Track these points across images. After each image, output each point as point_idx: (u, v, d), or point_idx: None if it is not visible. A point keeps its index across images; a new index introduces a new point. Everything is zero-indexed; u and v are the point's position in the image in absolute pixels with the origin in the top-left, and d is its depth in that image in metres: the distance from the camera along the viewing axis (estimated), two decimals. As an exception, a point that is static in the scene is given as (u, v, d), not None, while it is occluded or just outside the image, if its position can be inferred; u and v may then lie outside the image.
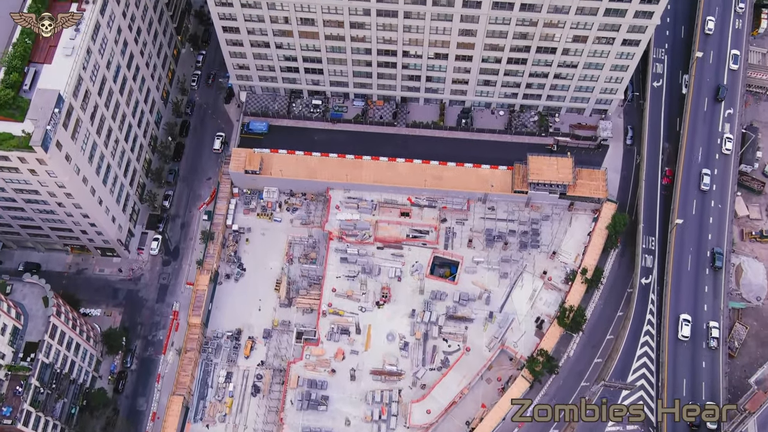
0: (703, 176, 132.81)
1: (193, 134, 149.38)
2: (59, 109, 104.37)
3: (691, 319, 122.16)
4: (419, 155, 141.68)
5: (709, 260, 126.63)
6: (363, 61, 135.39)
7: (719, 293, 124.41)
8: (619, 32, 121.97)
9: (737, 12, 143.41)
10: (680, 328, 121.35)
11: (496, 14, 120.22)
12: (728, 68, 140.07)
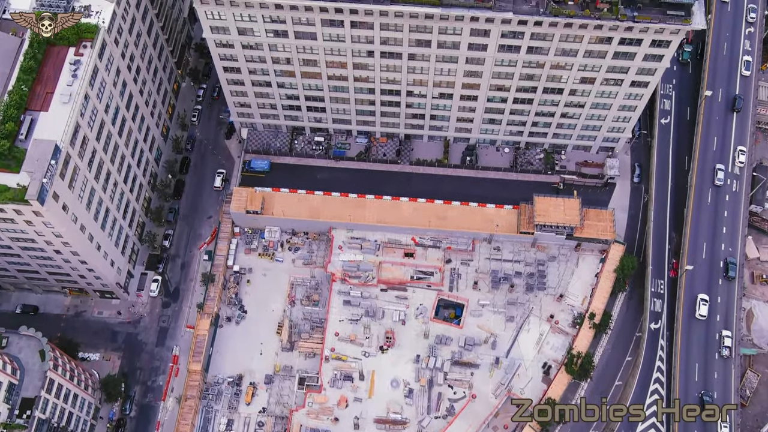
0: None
1: (194, 171, 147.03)
2: (56, 160, 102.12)
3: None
4: (423, 194, 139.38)
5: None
6: (366, 100, 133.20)
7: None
8: (627, 74, 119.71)
9: (746, 49, 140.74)
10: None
11: (502, 57, 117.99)
12: (736, 106, 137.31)
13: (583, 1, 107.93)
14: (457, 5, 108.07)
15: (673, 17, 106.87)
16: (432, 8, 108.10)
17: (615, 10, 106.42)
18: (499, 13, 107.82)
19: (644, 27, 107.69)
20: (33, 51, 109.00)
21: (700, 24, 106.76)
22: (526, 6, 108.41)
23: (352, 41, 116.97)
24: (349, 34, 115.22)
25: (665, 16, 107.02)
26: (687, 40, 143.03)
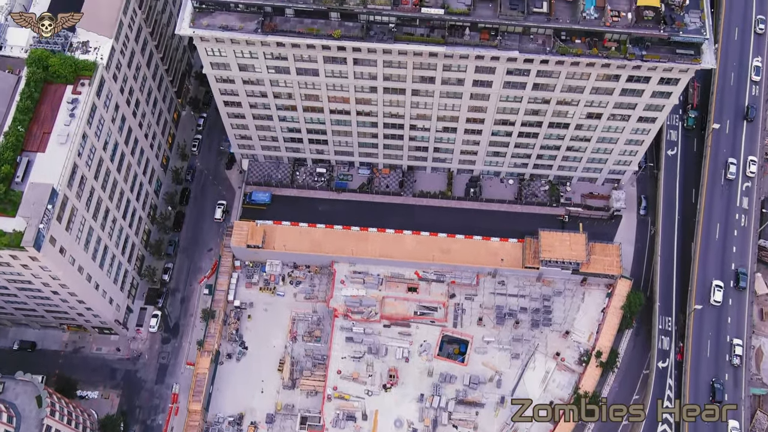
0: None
1: (194, 202, 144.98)
2: (53, 204, 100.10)
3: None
4: (427, 227, 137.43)
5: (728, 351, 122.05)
6: (369, 133, 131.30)
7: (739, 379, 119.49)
8: (635, 110, 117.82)
9: (753, 80, 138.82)
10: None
11: (507, 93, 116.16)
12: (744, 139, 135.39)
13: (591, 40, 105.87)
14: (462, 44, 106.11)
15: (682, 56, 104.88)
16: (436, 47, 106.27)
17: (623, 49, 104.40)
18: (505, 52, 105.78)
19: (653, 66, 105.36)
20: (30, 90, 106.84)
21: (710, 63, 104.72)
22: (532, 44, 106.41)
23: (355, 77, 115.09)
24: (351, 70, 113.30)
25: (674, 55, 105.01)
26: (692, 105, 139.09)
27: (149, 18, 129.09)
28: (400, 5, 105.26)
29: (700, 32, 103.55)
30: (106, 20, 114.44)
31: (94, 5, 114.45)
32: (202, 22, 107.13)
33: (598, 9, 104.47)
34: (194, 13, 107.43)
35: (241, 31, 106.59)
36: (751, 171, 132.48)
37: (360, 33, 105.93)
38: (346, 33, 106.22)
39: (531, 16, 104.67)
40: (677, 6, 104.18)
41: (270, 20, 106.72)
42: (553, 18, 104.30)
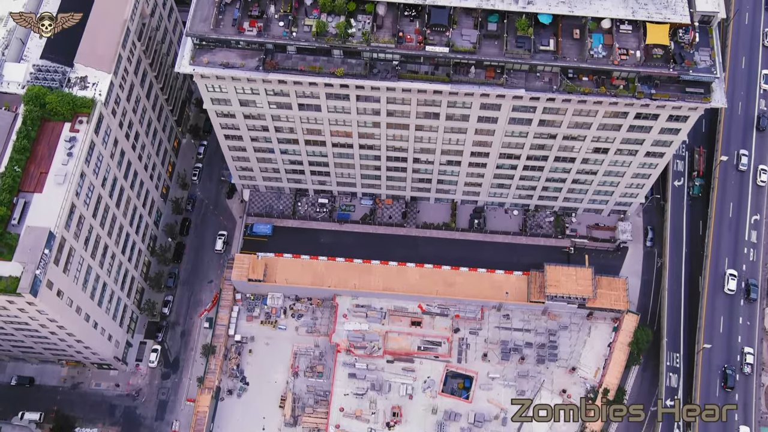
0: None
1: (194, 233, 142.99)
2: (50, 248, 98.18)
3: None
4: (430, 259, 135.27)
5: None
6: (371, 166, 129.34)
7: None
8: (642, 145, 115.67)
9: (762, 109, 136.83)
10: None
11: (512, 128, 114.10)
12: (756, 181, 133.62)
13: (599, 77, 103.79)
14: (467, 82, 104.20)
15: (692, 95, 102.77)
16: (441, 85, 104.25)
17: (632, 87, 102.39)
18: (511, 90, 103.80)
19: (662, 104, 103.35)
20: (26, 129, 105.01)
21: (721, 102, 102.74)
22: (539, 82, 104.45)
23: (358, 113, 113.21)
24: (354, 106, 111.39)
25: (684, 93, 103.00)
26: (698, 173, 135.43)
27: (149, 49, 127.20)
28: (404, 43, 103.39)
29: (710, 71, 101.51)
30: (105, 55, 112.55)
31: (92, 39, 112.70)
32: (202, 59, 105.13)
33: (606, 47, 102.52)
34: (194, 49, 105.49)
35: (242, 69, 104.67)
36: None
37: (363, 71, 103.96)
38: (349, 70, 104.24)
39: (537, 54, 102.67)
40: (687, 44, 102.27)
41: (271, 57, 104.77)
42: (560, 57, 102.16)
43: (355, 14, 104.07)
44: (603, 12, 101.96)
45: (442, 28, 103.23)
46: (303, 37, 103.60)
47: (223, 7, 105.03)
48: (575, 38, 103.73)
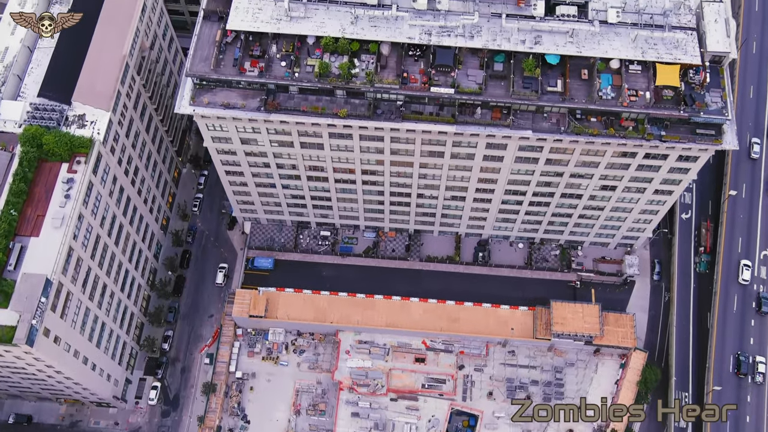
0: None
1: (195, 266, 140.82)
2: (46, 297, 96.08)
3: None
4: (434, 293, 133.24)
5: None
6: (375, 200, 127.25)
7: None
8: (651, 183, 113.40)
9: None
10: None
11: (518, 167, 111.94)
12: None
13: (607, 118, 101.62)
14: (473, 123, 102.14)
15: (702, 137, 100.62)
16: (446, 126, 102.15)
17: (641, 129, 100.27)
18: (518, 132, 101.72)
19: (671, 146, 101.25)
20: (23, 170, 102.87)
21: (732, 144, 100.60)
22: (546, 123, 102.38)
23: (361, 151, 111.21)
24: (357, 144, 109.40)
25: (694, 135, 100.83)
26: (705, 248, 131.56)
27: (148, 82, 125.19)
28: (409, 84, 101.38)
29: (721, 113, 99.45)
30: (103, 92, 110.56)
31: (91, 76, 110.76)
32: (202, 99, 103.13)
33: (615, 88, 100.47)
34: (194, 89, 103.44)
35: (243, 110, 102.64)
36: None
37: (367, 111, 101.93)
38: (352, 111, 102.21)
39: (545, 95, 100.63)
40: (698, 85, 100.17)
41: (273, 98, 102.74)
42: (568, 98, 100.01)
43: (358, 54, 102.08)
44: (612, 53, 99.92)
45: (447, 69, 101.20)
46: (305, 77, 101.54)
47: (223, 46, 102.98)
48: (583, 79, 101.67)
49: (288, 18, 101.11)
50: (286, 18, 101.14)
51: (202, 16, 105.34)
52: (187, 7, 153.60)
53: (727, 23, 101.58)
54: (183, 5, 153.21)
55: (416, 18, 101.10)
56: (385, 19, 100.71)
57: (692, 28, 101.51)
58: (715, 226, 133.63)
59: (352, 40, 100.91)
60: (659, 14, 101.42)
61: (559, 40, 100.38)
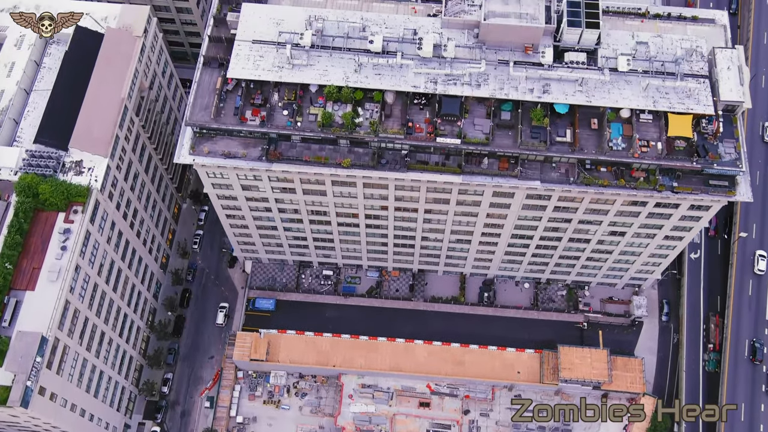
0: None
1: (195, 305, 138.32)
2: (42, 355, 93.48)
3: None
4: (438, 334, 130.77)
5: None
6: (378, 242, 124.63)
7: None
8: (661, 230, 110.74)
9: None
10: None
11: (526, 213, 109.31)
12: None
13: (617, 169, 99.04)
14: (480, 173, 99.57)
15: (716, 188, 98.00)
16: (452, 176, 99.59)
17: (653, 181, 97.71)
18: (526, 183, 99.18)
19: (683, 197, 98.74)
20: (18, 221, 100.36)
21: (746, 196, 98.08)
22: (555, 173, 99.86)
23: (365, 197, 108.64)
24: (361, 192, 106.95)
25: (707, 186, 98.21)
26: (714, 346, 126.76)
27: (148, 122, 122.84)
28: (414, 134, 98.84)
29: (735, 164, 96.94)
30: (101, 137, 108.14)
31: (88, 121, 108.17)
32: (202, 148, 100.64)
33: (626, 138, 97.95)
34: (194, 138, 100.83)
35: (244, 159, 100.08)
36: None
37: (371, 161, 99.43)
38: (356, 160, 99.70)
39: (554, 146, 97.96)
40: (711, 135, 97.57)
41: (275, 147, 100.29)
42: (577, 149, 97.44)
43: (362, 102, 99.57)
44: (622, 102, 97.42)
45: (453, 118, 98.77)
46: (308, 126, 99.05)
47: (224, 94, 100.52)
48: (593, 128, 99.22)
49: (290, 66, 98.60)
50: (288, 66, 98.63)
51: (202, 62, 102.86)
52: (187, 39, 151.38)
53: (740, 71, 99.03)
54: (183, 37, 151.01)
55: (421, 65, 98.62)
56: (389, 67, 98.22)
57: (704, 75, 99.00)
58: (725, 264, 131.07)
59: (355, 88, 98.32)
60: (671, 62, 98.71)
61: (568, 88, 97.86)
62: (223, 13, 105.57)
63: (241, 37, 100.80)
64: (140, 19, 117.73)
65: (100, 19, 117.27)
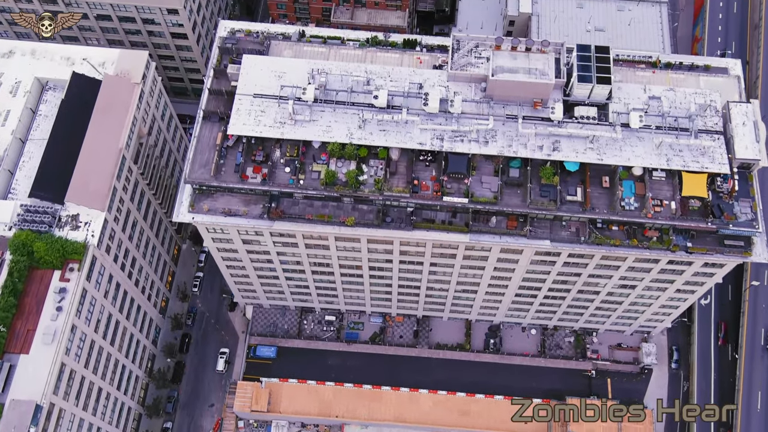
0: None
1: (195, 350, 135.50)
2: (36, 424, 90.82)
3: None
4: (444, 383, 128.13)
5: None
6: (382, 291, 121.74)
7: None
8: (673, 284, 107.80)
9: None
10: None
11: (533, 268, 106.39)
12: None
13: (629, 228, 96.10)
14: (488, 231, 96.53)
15: (731, 248, 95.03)
16: (459, 235, 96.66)
17: (667, 241, 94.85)
18: (535, 242, 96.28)
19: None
20: (13, 282, 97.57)
21: (762, 256, 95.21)
22: (565, 233, 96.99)
23: (369, 252, 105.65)
24: (365, 247, 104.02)
25: (722, 247, 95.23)
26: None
27: (146, 168, 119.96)
28: (420, 192, 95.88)
29: (751, 225, 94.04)
30: (98, 190, 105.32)
31: (85, 174, 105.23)
32: (202, 205, 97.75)
33: (638, 197, 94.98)
34: (194, 195, 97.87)
35: (245, 217, 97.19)
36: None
37: (375, 219, 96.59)
38: (360, 218, 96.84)
39: (564, 205, 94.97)
40: (726, 194, 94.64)
41: (277, 204, 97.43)
42: (588, 209, 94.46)
43: (366, 159, 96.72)
44: (635, 160, 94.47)
45: (460, 176, 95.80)
46: (311, 184, 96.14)
47: (224, 150, 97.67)
48: (604, 186, 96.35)
49: (293, 122, 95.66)
50: (290, 122, 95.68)
51: (201, 116, 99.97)
52: (187, 75, 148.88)
53: (756, 126, 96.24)
54: (183, 73, 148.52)
55: (427, 121, 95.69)
56: (394, 122, 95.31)
57: (719, 131, 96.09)
58: (737, 311, 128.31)
59: (359, 145, 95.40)
60: (684, 117, 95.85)
61: (579, 146, 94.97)
62: (224, 65, 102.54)
63: (241, 91, 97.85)
64: (139, 65, 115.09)
65: (97, 64, 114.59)
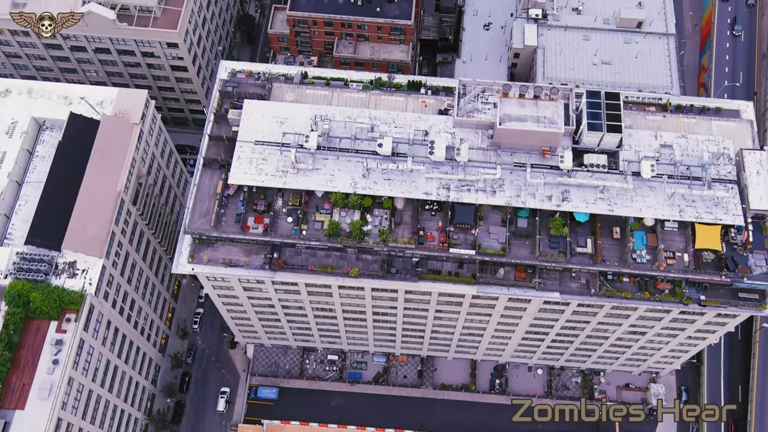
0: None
1: (195, 389, 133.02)
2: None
3: None
4: (448, 425, 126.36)
5: None
6: (386, 332, 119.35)
7: None
8: (684, 332, 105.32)
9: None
10: None
11: (542, 315, 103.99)
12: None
13: (641, 280, 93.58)
14: (496, 283, 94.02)
15: (745, 301, 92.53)
16: (466, 286, 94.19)
17: (679, 294, 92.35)
18: (544, 294, 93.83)
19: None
20: (8, 334, 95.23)
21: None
22: (575, 284, 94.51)
23: (373, 299, 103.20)
24: (369, 295, 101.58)
25: (737, 299, 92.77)
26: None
27: (146, 208, 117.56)
28: (425, 243, 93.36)
29: (766, 278, 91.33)
30: (96, 236, 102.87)
31: (82, 220, 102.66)
32: (202, 256, 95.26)
33: (650, 249, 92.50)
34: (194, 245, 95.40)
35: (246, 267, 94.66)
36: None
37: (380, 270, 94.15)
38: (364, 269, 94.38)
39: (574, 257, 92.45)
40: (740, 246, 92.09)
41: (279, 255, 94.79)
42: (599, 261, 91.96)
43: (371, 209, 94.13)
44: (646, 211, 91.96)
45: (467, 226, 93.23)
46: (314, 235, 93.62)
47: (224, 200, 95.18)
48: (615, 237, 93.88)
49: (295, 170, 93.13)
50: (292, 170, 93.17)
51: (201, 163, 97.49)
52: (187, 105, 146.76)
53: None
54: (183, 104, 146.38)
55: (433, 170, 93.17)
56: (399, 171, 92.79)
57: (732, 180, 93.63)
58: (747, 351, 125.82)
59: (363, 195, 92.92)
60: (696, 166, 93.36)
61: (589, 196, 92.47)
62: (224, 109, 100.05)
63: (243, 137, 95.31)
64: (138, 104, 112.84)
65: (95, 103, 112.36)
